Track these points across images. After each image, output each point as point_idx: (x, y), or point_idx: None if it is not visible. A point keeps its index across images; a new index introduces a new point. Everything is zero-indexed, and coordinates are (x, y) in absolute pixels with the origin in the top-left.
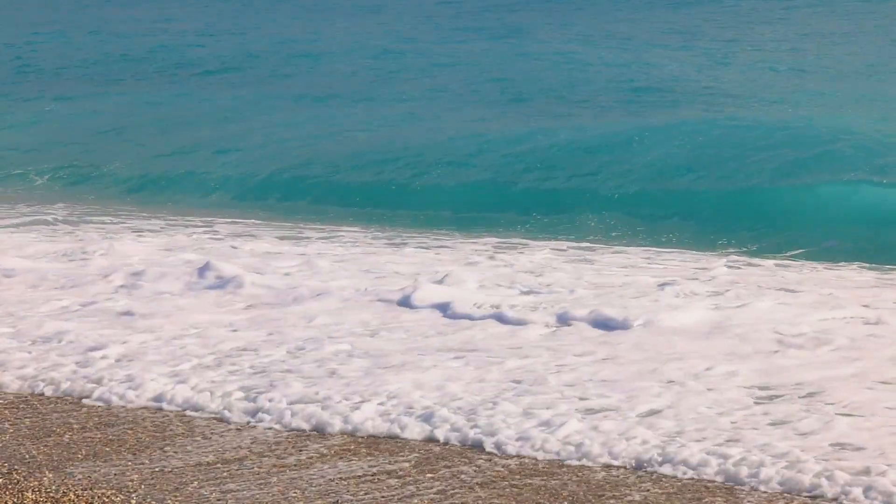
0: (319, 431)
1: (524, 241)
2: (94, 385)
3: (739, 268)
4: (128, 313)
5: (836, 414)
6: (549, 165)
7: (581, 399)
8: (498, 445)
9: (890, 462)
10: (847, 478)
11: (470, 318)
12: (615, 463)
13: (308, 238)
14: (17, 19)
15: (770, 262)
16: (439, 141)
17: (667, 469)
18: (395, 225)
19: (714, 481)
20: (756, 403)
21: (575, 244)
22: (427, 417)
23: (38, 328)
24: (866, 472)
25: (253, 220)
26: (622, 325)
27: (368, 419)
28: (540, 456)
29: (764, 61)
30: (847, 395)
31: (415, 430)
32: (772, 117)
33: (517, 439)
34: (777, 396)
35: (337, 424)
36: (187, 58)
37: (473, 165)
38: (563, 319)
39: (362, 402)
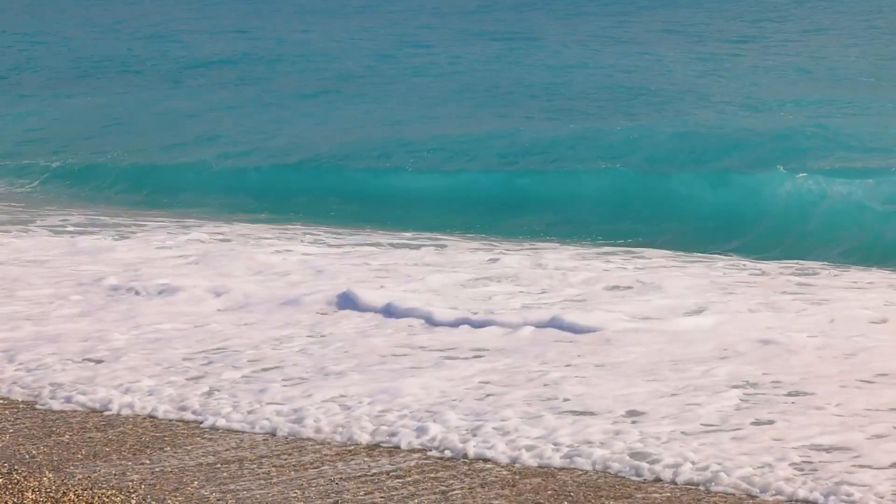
0: (316, 437)
1: (524, 242)
2: (83, 389)
3: (738, 268)
4: (118, 316)
5: (821, 414)
6: (553, 166)
7: (578, 402)
8: (497, 448)
9: (870, 462)
10: (829, 481)
11: (456, 321)
12: (613, 464)
13: (309, 239)
14: (18, 19)
15: (767, 263)
16: (440, 141)
17: (663, 472)
18: (394, 226)
19: (704, 485)
20: (743, 404)
21: (575, 248)
22: (424, 420)
23: (29, 332)
24: (848, 472)
25: (254, 222)
26: (612, 328)
27: (364, 423)
28: (539, 457)
29: (771, 65)
30: (833, 395)
31: (412, 434)
32: (777, 120)
33: (516, 441)
34: (763, 396)
35: (333, 431)
36: (187, 56)
37: (474, 166)
38: (557, 321)
39: (356, 406)
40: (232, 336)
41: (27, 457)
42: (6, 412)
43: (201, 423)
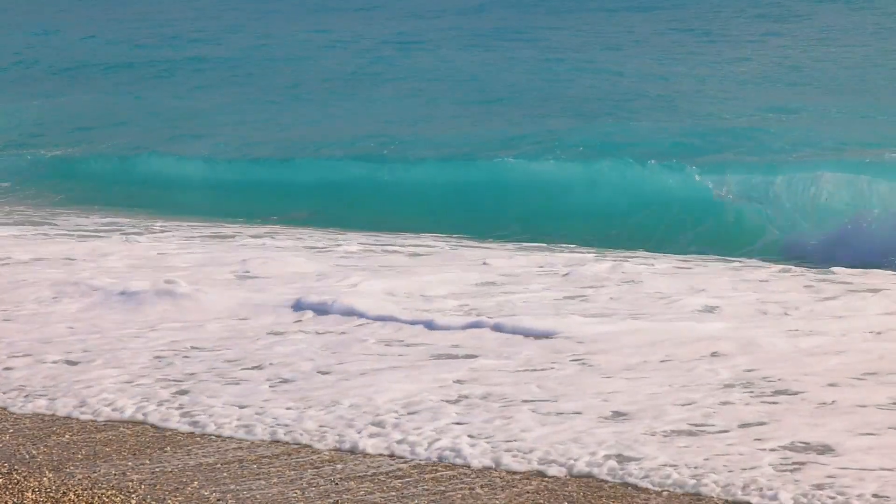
0: (315, 437)
1: (522, 243)
2: (75, 391)
3: (740, 268)
4: (111, 317)
5: (817, 415)
6: (548, 167)
7: (576, 403)
8: (497, 449)
9: (851, 464)
10: (811, 483)
11: (439, 325)
12: (613, 465)
13: (317, 241)
14: (19, 18)
15: (776, 264)
16: (432, 141)
17: (660, 474)
18: (409, 228)
19: (700, 486)
20: (741, 405)
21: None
22: (422, 421)
23: (19, 333)
24: (832, 476)
25: (259, 224)
26: (610, 328)
27: (361, 423)
28: (539, 459)
29: (771, 66)
30: (820, 395)
31: (411, 435)
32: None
33: (515, 442)
34: (759, 397)
35: (330, 431)
36: (187, 55)
37: (470, 166)
38: (553, 322)
39: (353, 406)
40: (227, 337)
41: (27, 457)
42: (6, 412)
43: (201, 424)
